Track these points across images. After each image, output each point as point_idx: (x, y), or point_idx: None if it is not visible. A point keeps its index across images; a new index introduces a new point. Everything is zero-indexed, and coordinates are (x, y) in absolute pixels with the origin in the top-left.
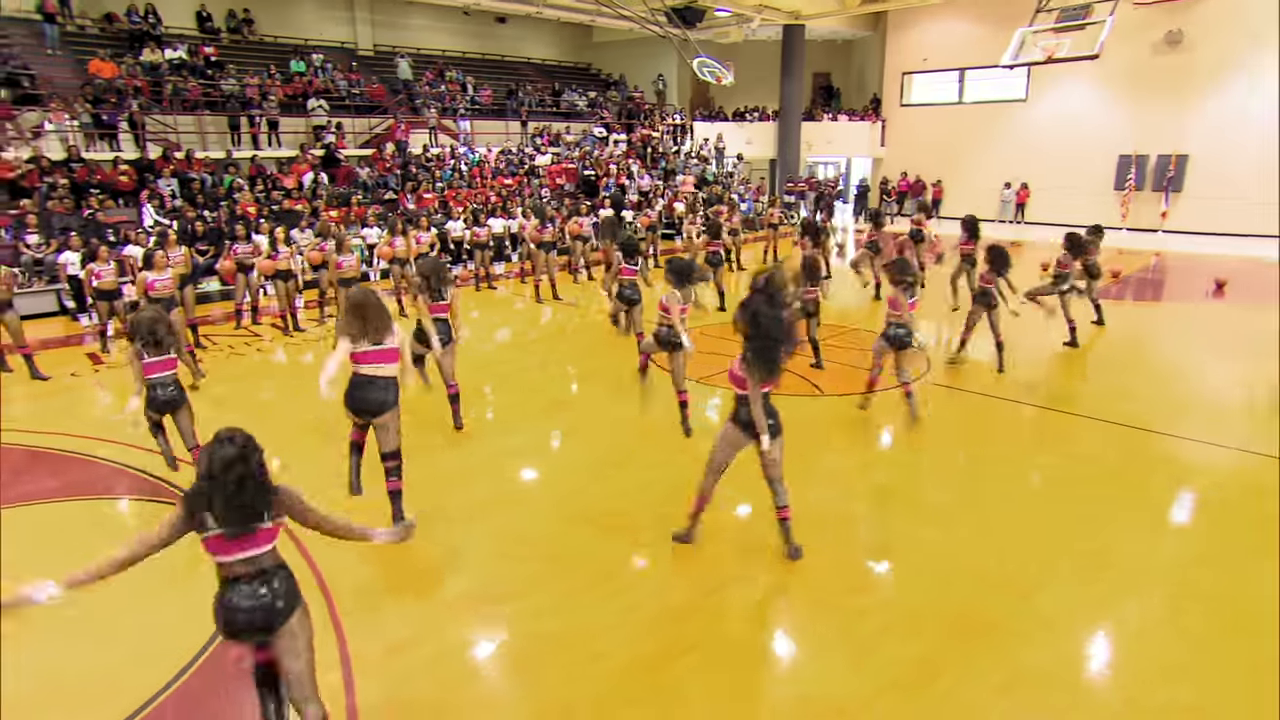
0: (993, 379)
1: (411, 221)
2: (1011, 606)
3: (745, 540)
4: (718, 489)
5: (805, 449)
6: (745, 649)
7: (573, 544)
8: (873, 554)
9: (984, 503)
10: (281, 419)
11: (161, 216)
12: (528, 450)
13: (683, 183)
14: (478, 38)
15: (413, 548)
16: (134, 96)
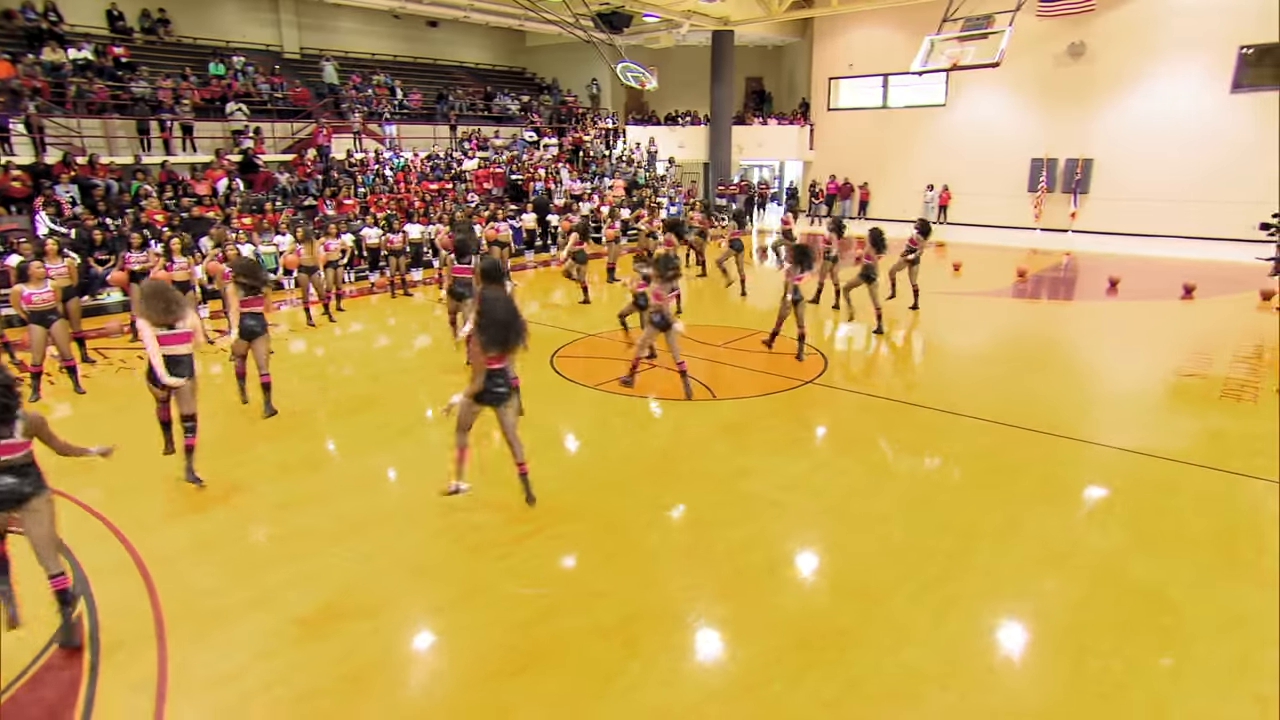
0: (882, 381)
1: (321, 228)
2: (865, 613)
3: (597, 554)
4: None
5: (683, 452)
6: (583, 660)
7: (435, 558)
8: (731, 561)
9: (851, 506)
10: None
11: (58, 225)
12: (410, 462)
13: (612, 186)
14: (409, 41)
15: (267, 563)
16: (31, 98)
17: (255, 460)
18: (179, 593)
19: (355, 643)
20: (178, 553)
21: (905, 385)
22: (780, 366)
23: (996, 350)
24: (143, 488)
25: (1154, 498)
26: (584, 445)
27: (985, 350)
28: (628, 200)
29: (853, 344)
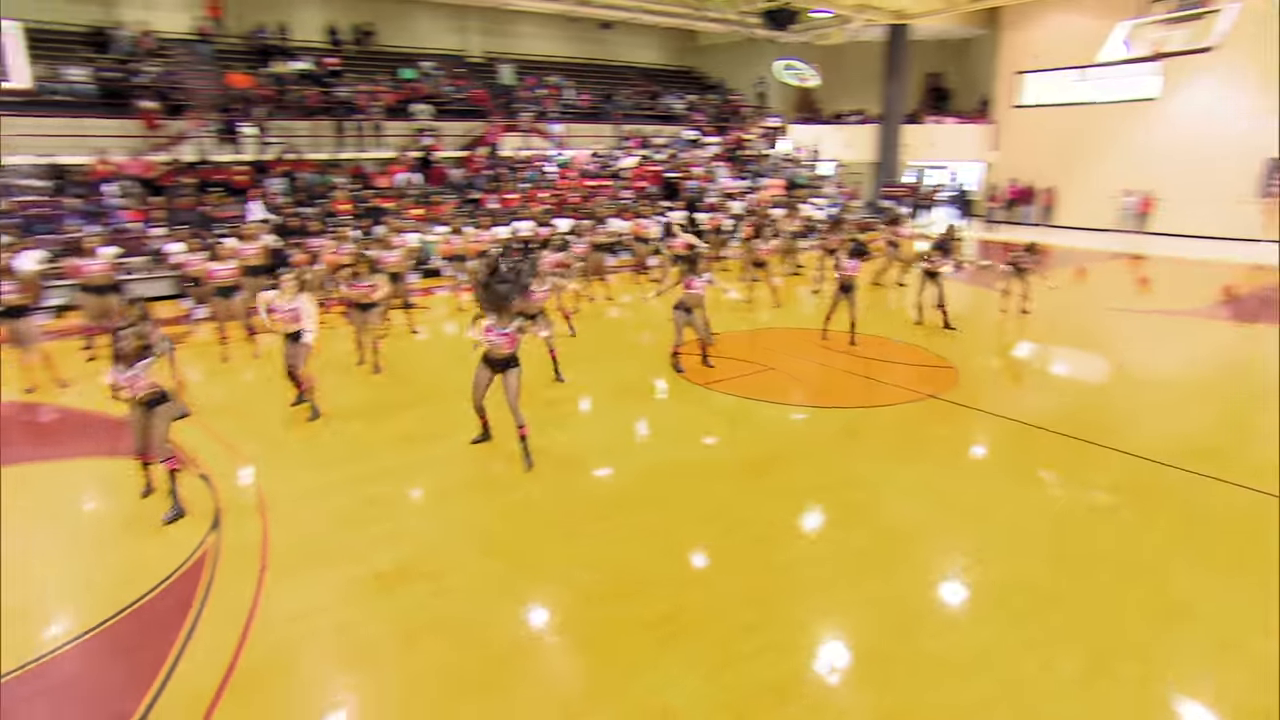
0: (1020, 402)
1: (472, 221)
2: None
3: (662, 547)
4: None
5: (777, 457)
6: (615, 648)
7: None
8: (791, 573)
9: (929, 538)
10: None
11: (267, 213)
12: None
13: (769, 186)
14: (583, 43)
15: (363, 521)
16: (260, 104)
17: (387, 426)
18: (286, 534)
19: (418, 602)
20: (296, 499)
21: (1044, 408)
22: (904, 377)
23: (1169, 376)
24: (284, 440)
25: None
26: (679, 440)
27: (1157, 375)
28: (786, 200)
29: (991, 357)
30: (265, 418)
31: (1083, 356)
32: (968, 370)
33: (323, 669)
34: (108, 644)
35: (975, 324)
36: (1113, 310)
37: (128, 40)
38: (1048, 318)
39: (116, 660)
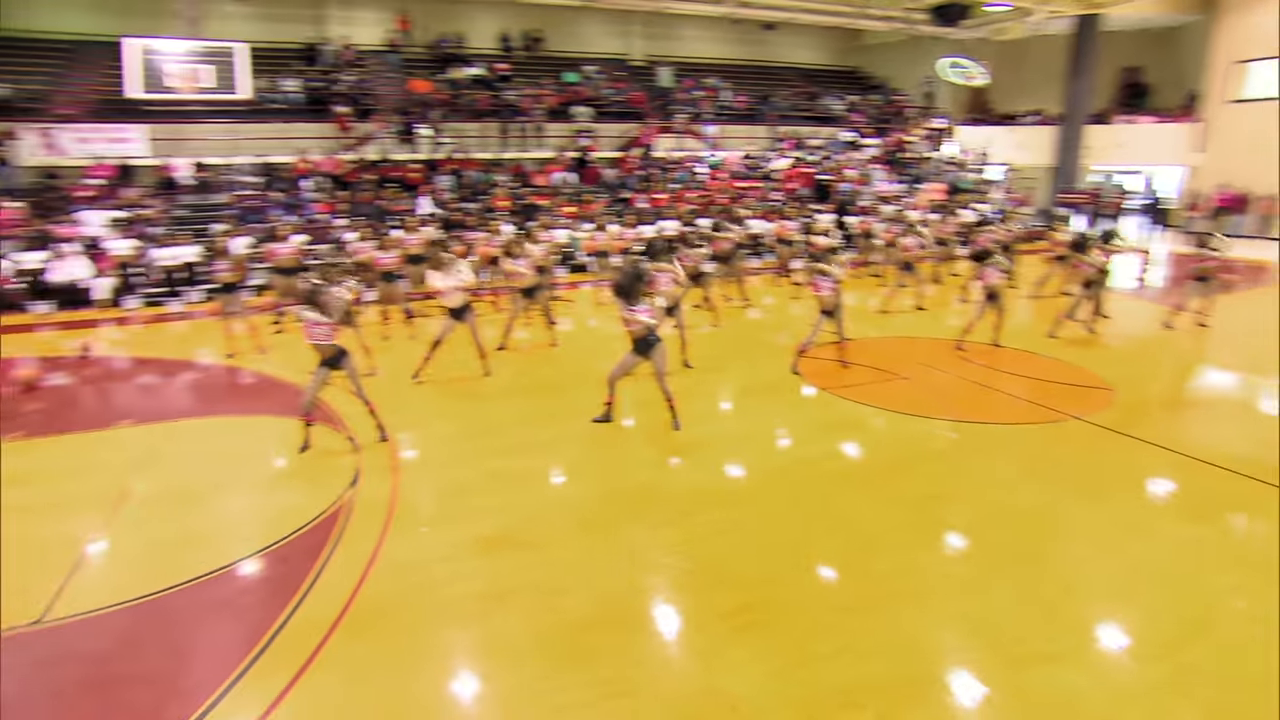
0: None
1: (618, 219)
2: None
3: (750, 542)
4: None
5: (885, 468)
6: (684, 634)
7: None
8: (880, 585)
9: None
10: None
11: (434, 207)
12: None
13: (928, 190)
14: (744, 44)
15: (478, 489)
16: (436, 108)
17: (521, 406)
18: (412, 495)
19: (514, 566)
20: (426, 466)
21: (1211, 438)
22: (1046, 394)
23: None
24: (426, 413)
25: None
26: (795, 442)
27: None
28: (944, 204)
29: (1156, 379)
30: (413, 392)
31: (1266, 383)
32: (1125, 391)
33: (422, 615)
34: (255, 571)
35: (1146, 341)
36: None
37: (332, 54)
38: (1229, 337)
39: (259, 585)
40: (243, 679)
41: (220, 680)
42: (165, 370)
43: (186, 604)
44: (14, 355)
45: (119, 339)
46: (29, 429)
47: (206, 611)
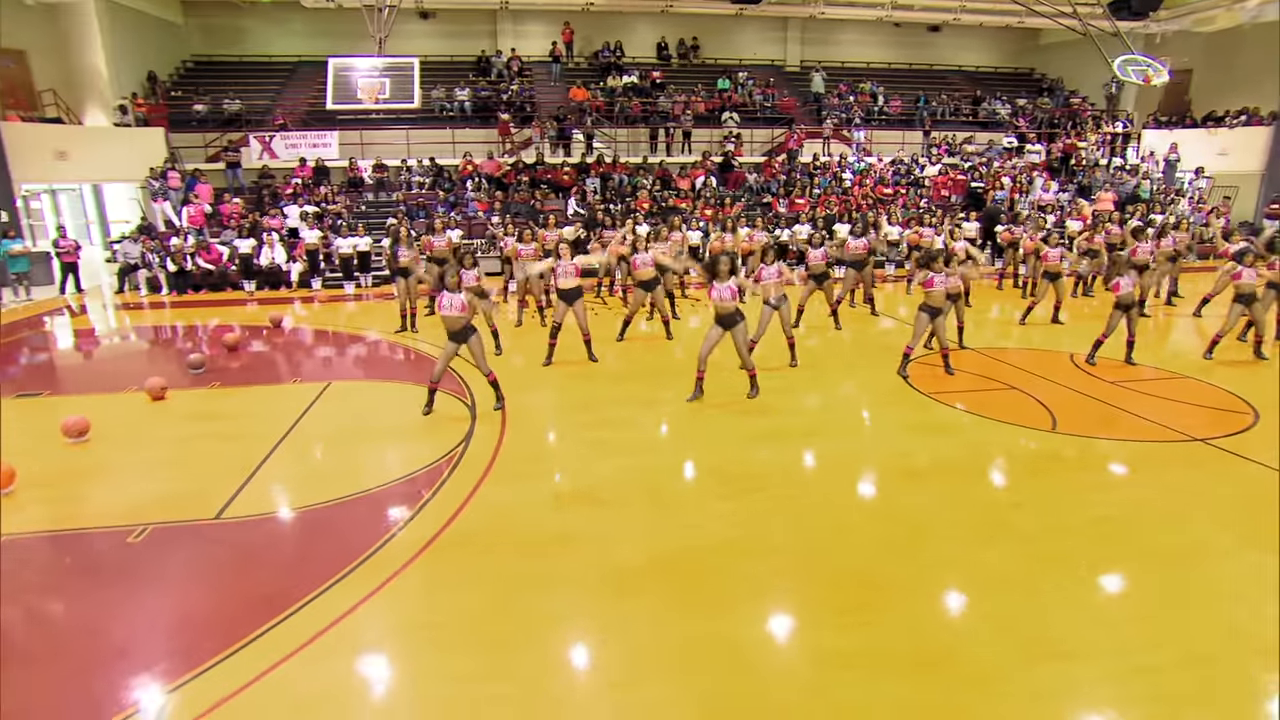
0: None
1: (740, 220)
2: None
3: (796, 520)
4: None
5: (956, 470)
6: (712, 590)
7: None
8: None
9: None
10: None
11: (580, 207)
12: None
13: (1097, 199)
14: (908, 48)
15: (567, 454)
16: (591, 114)
17: (625, 388)
18: (511, 454)
19: (582, 521)
20: (529, 432)
21: None
22: (1172, 414)
23: None
24: (541, 387)
25: None
26: (876, 442)
27: None
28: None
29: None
30: (534, 372)
31: None
32: (1272, 417)
33: (497, 546)
34: (375, 500)
35: None
36: None
37: (501, 65)
38: None
39: (377, 511)
40: (348, 577)
41: (332, 575)
42: (331, 341)
43: (321, 518)
44: (224, 323)
45: (303, 315)
46: (225, 380)
47: (335, 525)
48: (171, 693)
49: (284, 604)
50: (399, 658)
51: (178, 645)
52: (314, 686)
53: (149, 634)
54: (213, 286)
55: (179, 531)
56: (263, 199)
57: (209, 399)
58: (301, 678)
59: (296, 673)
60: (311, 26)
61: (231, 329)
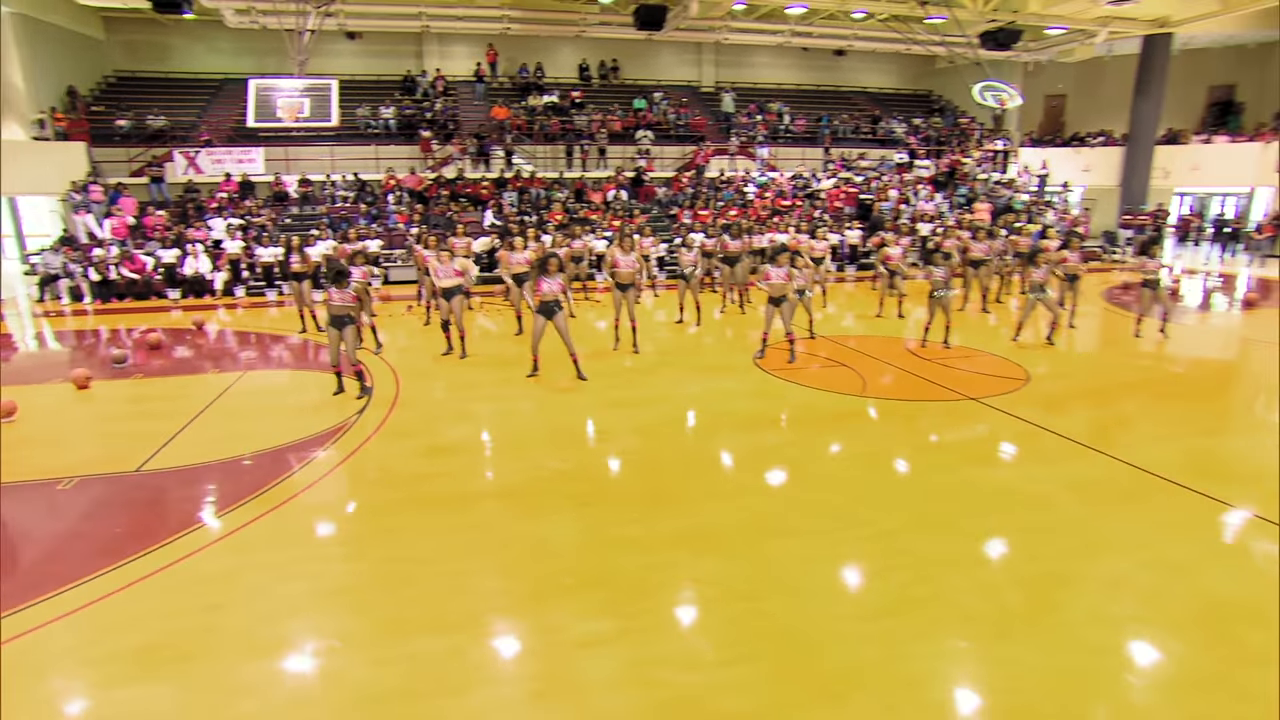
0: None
1: (639, 232)
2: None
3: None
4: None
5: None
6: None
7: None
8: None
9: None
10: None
11: (496, 219)
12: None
13: (975, 210)
14: (815, 70)
15: (449, 421)
16: (510, 132)
17: (503, 371)
18: (399, 420)
19: (443, 465)
20: (415, 403)
21: (1081, 419)
22: (963, 381)
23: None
24: (432, 371)
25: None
26: (715, 408)
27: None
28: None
29: (1075, 373)
30: (429, 359)
31: (1178, 378)
32: (1039, 383)
33: (378, 485)
34: (272, 457)
35: (1107, 343)
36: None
37: (426, 84)
38: (1187, 342)
39: (272, 463)
40: (243, 507)
41: (230, 505)
42: (251, 340)
43: (226, 469)
44: (147, 326)
45: (226, 319)
46: (147, 373)
47: (235, 474)
48: (96, 578)
49: (189, 522)
50: (284, 551)
51: (106, 547)
52: (216, 567)
53: (82, 544)
54: (137, 295)
55: (103, 480)
56: (187, 212)
57: (132, 387)
58: (205, 569)
59: (204, 564)
60: (238, 45)
61: (154, 330)
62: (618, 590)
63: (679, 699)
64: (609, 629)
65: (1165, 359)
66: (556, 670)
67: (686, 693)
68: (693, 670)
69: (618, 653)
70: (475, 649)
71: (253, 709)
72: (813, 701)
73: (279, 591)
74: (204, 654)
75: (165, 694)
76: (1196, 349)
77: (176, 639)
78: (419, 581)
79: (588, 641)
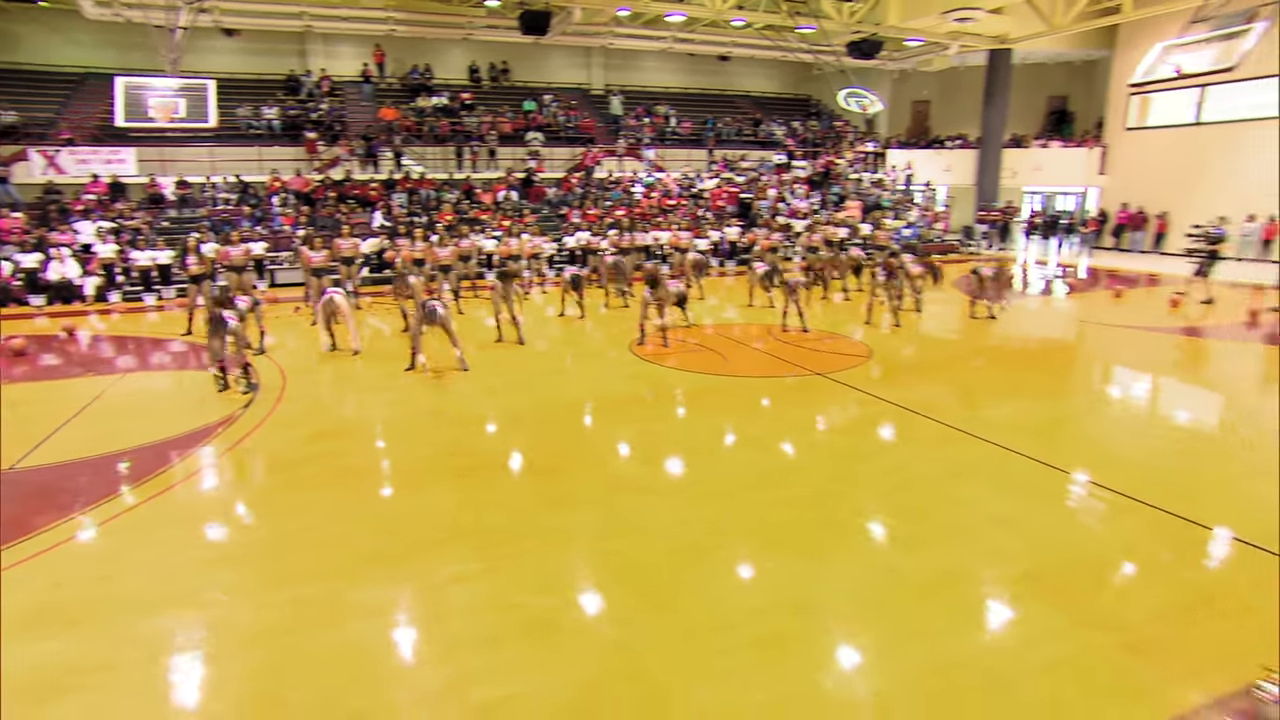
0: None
1: (527, 228)
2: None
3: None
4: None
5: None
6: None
7: None
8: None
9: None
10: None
11: (386, 220)
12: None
13: (846, 208)
14: (701, 74)
15: (328, 408)
16: (400, 133)
17: (388, 364)
18: (284, 411)
19: (328, 449)
20: (300, 397)
21: (913, 390)
22: (811, 359)
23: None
24: (314, 366)
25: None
26: (584, 386)
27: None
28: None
29: (913, 351)
30: (313, 352)
31: (1004, 355)
32: (879, 360)
33: (264, 469)
34: (179, 441)
35: (947, 326)
36: (1091, 324)
37: (311, 84)
38: (1017, 324)
39: (168, 449)
40: (129, 494)
41: (115, 492)
42: (130, 344)
43: (108, 462)
44: (8, 334)
45: (100, 326)
46: (14, 379)
47: (117, 466)
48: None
49: (70, 509)
50: (172, 530)
51: None
52: (103, 547)
53: None
54: None
55: None
56: (49, 214)
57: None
58: (92, 550)
59: (90, 546)
60: (98, 36)
61: (16, 337)
62: (486, 541)
63: (532, 619)
64: (475, 569)
65: (987, 337)
66: (425, 603)
67: (540, 614)
68: (546, 595)
69: (481, 587)
70: (353, 591)
71: (140, 656)
72: (647, 611)
73: (167, 563)
74: (92, 618)
75: (53, 650)
76: (1016, 328)
77: (65, 606)
78: (302, 545)
79: (454, 579)
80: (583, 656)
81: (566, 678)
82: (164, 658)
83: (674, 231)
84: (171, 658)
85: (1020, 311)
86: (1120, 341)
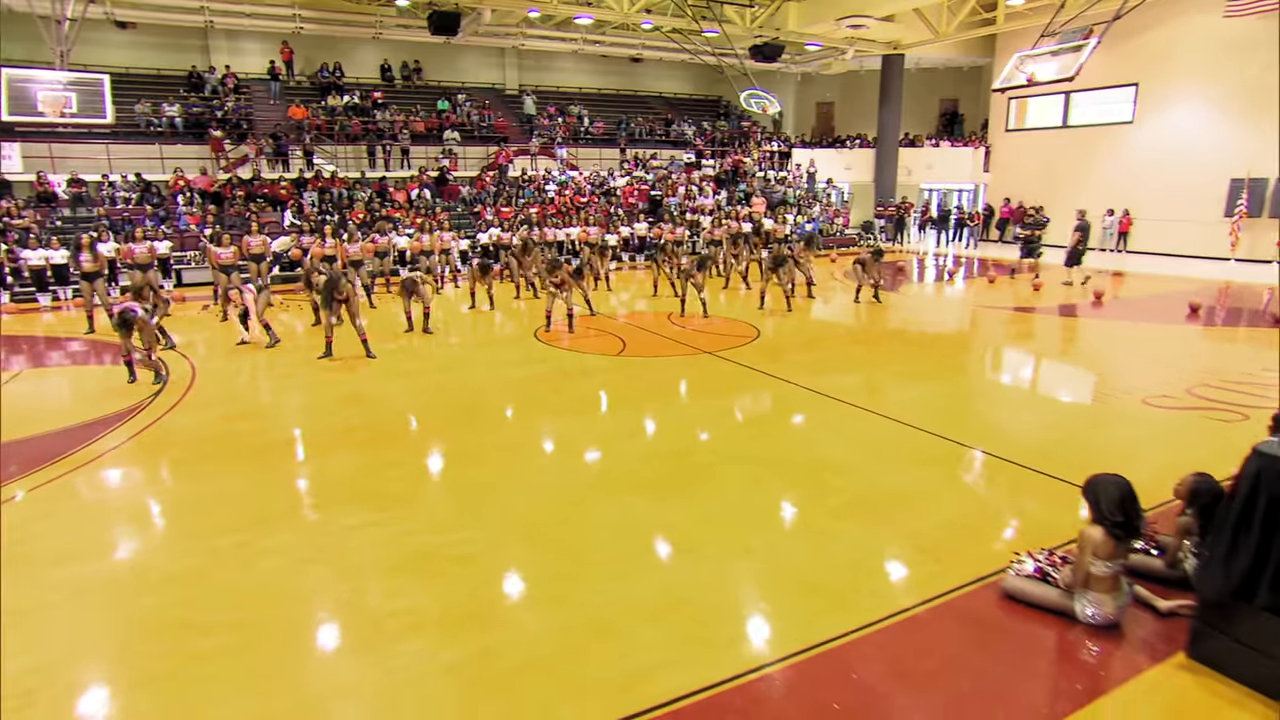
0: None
1: (439, 225)
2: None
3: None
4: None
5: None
6: None
7: None
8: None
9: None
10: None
11: (297, 219)
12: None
13: (753, 203)
14: (614, 75)
15: (237, 396)
16: (310, 132)
17: (303, 352)
18: (195, 397)
19: (244, 428)
20: (211, 386)
21: (792, 362)
22: (704, 341)
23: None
24: (226, 356)
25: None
26: (488, 368)
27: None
28: (769, 214)
29: (797, 332)
30: (224, 346)
31: (884, 333)
32: (765, 340)
33: (175, 446)
34: (89, 426)
35: (834, 311)
36: (973, 306)
37: (215, 81)
38: (900, 308)
39: (81, 433)
40: (37, 473)
41: (23, 473)
42: (22, 344)
43: (10, 448)
44: None
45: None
46: None
47: (22, 449)
48: None
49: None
50: (86, 500)
51: None
52: (13, 518)
53: None
54: None
55: None
56: None
57: None
58: (18, 511)
59: (20, 510)
60: None
61: None
62: (384, 498)
63: (421, 550)
64: (373, 519)
65: (862, 318)
66: (326, 544)
67: (427, 548)
68: (435, 534)
69: (377, 531)
70: (261, 540)
71: (60, 598)
72: (516, 543)
73: (84, 529)
74: (8, 573)
75: None
76: (893, 311)
77: None
78: (214, 508)
79: (354, 526)
80: (464, 576)
81: (450, 592)
82: (82, 599)
83: (583, 227)
84: (89, 598)
85: (903, 296)
86: (980, 318)
